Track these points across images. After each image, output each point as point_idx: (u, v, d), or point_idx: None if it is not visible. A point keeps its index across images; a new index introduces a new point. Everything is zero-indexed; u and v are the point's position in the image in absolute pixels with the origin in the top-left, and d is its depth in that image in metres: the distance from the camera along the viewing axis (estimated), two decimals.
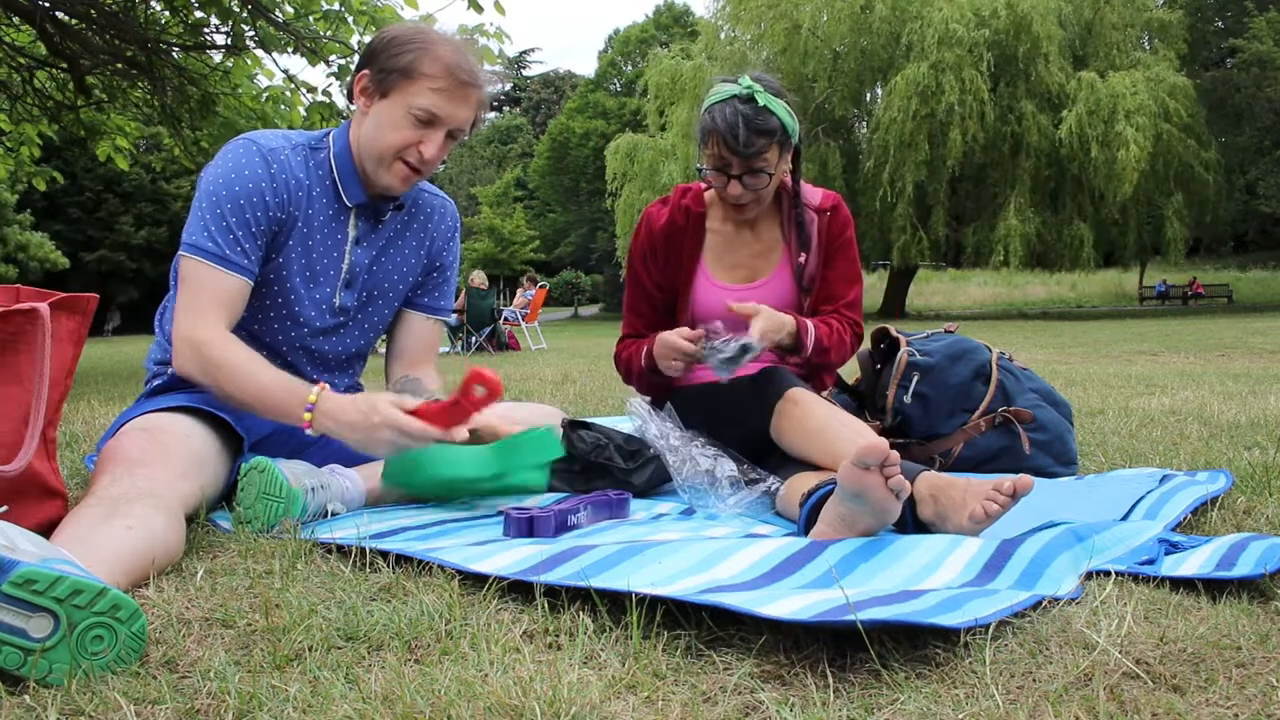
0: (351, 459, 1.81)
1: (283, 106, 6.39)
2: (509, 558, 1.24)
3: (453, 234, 1.99)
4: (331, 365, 1.90)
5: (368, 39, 5.34)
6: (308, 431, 1.57)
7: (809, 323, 1.90)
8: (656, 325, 2.00)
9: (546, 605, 1.10)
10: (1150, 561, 1.25)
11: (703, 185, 2.05)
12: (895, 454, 1.28)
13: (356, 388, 1.99)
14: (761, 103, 1.81)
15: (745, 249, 2.02)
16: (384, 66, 1.68)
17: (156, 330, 1.85)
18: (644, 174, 23.90)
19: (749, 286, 2.00)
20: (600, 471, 1.88)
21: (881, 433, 2.10)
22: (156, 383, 1.77)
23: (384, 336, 2.01)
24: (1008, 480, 1.34)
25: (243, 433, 1.67)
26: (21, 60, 6.28)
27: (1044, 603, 1.10)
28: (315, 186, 1.76)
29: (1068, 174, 19.91)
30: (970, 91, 19.24)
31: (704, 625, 1.04)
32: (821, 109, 20.72)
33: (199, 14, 5.71)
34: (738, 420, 1.84)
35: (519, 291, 14.08)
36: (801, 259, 1.99)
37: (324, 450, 1.87)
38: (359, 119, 1.75)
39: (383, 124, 1.70)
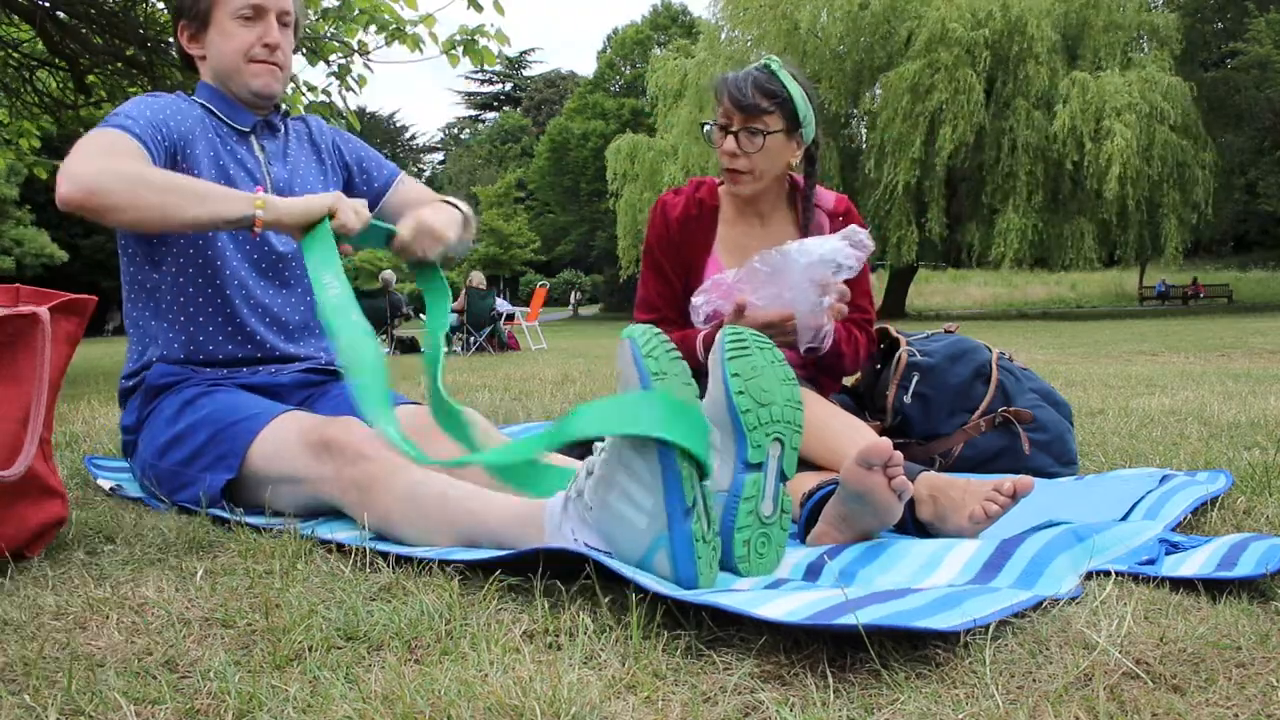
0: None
1: (284, 104, 6.38)
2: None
3: (334, 133, 2.03)
4: (293, 329, 1.89)
5: (369, 38, 5.34)
6: (258, 212, 1.54)
7: None
8: (671, 317, 1.99)
9: (546, 605, 1.10)
10: (1151, 561, 1.25)
11: (717, 180, 2.05)
12: (899, 454, 1.28)
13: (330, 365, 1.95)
14: (775, 69, 1.87)
15: (756, 244, 2.01)
16: (189, 4, 1.79)
17: (129, 329, 1.86)
18: (645, 174, 23.95)
19: None
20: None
21: (881, 433, 2.10)
22: (139, 397, 1.79)
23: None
24: (1008, 481, 1.34)
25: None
26: (17, 56, 6.28)
27: (1044, 603, 1.10)
28: (210, 121, 1.82)
29: (1064, 172, 19.97)
30: (964, 91, 19.35)
31: (704, 625, 1.04)
32: (821, 108, 20.79)
33: None
34: None
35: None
36: None
37: (334, 400, 1.84)
38: (203, 64, 1.83)
39: (219, 44, 1.78)
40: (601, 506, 1.20)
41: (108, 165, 1.50)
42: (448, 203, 1.90)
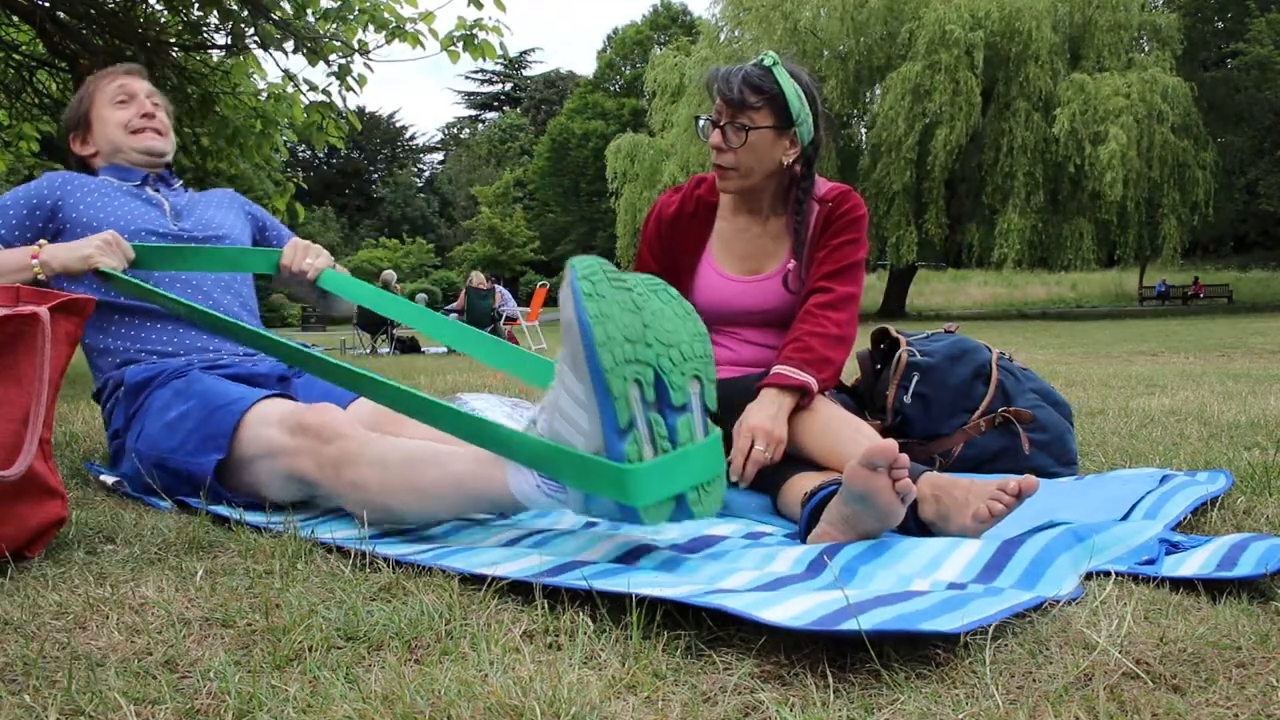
0: (338, 397, 1.87)
1: (284, 104, 6.37)
2: (511, 567, 1.24)
3: (242, 201, 2.27)
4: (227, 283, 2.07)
5: (369, 37, 5.35)
6: (34, 262, 1.76)
7: (784, 369, 1.75)
8: None
9: (546, 605, 1.10)
10: (1151, 561, 1.25)
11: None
12: (904, 457, 1.28)
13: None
14: (769, 64, 1.84)
15: (753, 241, 1.99)
16: (72, 117, 2.09)
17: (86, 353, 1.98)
18: (645, 174, 23.98)
19: (752, 279, 1.97)
20: None
21: (882, 432, 2.10)
22: (121, 411, 1.86)
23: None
24: (1013, 480, 1.34)
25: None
26: (17, 57, 6.27)
27: (1044, 603, 1.10)
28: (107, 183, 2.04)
29: (1064, 173, 20.00)
30: (962, 93, 19.41)
31: (704, 625, 1.04)
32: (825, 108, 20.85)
33: (198, 13, 5.70)
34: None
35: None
36: (790, 265, 1.95)
37: (309, 387, 1.95)
38: (97, 159, 2.09)
39: (102, 129, 2.05)
40: (549, 432, 1.20)
41: None
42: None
